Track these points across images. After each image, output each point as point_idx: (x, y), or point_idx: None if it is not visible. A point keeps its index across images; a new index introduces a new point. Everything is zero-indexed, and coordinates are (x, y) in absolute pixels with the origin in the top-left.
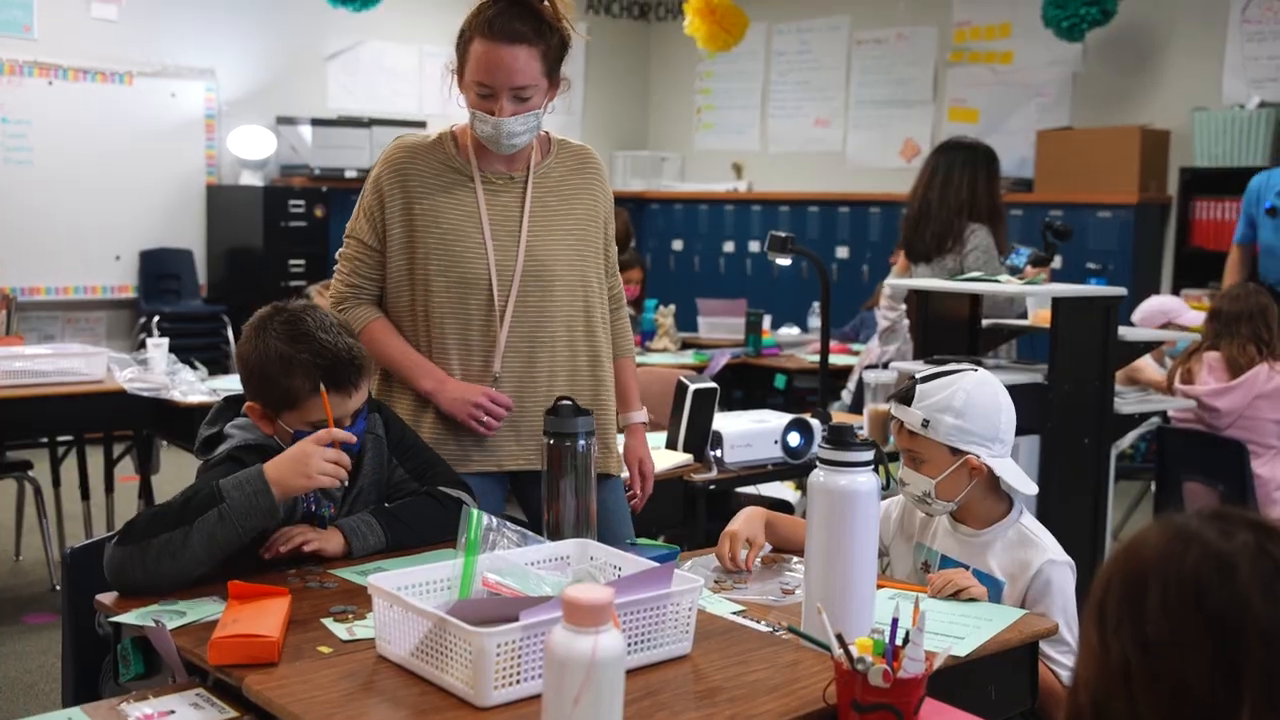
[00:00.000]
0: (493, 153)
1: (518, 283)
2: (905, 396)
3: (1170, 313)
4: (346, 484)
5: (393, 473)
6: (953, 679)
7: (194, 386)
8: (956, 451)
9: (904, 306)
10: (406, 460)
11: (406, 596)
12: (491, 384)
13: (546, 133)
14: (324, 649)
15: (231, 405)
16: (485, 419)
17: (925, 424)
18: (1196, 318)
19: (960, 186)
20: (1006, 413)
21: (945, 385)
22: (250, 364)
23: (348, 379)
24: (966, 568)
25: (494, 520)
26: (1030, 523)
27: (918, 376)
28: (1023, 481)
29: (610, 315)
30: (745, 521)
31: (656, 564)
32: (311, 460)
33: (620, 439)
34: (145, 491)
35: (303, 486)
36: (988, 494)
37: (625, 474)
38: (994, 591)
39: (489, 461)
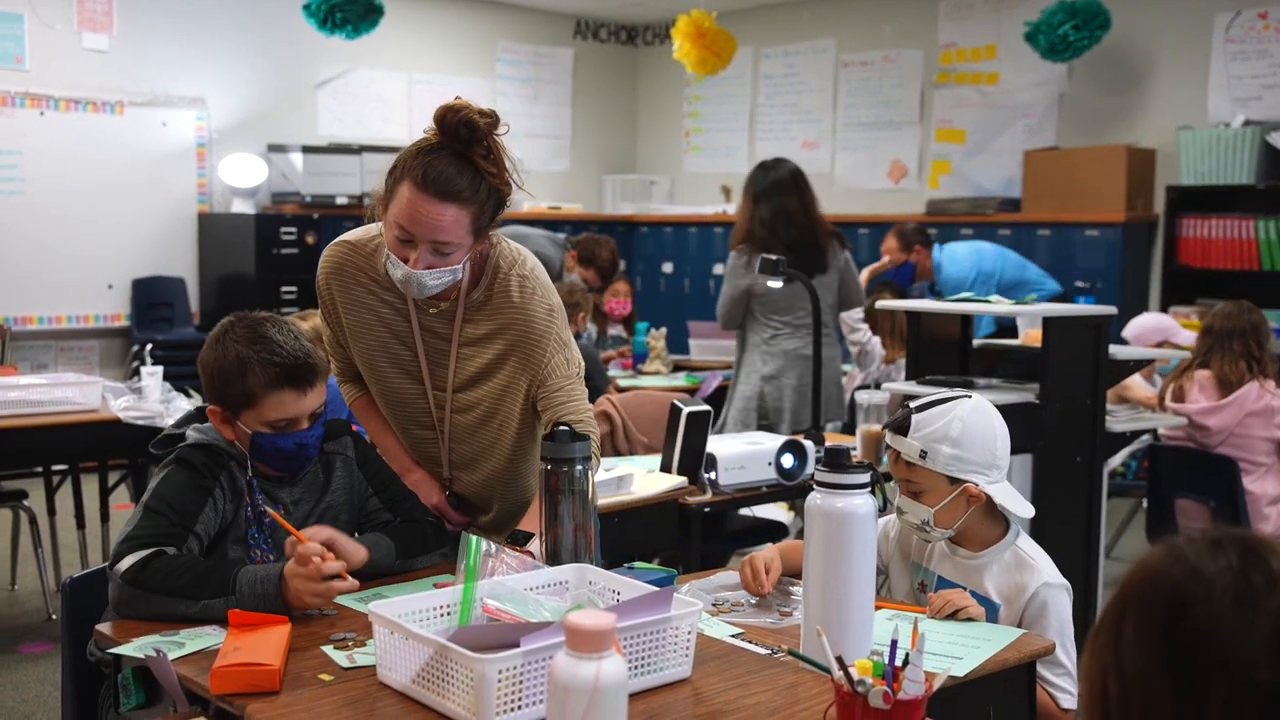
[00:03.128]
0: None
1: (450, 413)
2: (901, 426)
3: (1166, 331)
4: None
5: (366, 503)
6: (951, 699)
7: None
8: (955, 480)
9: (865, 326)
10: (382, 492)
11: (407, 624)
12: (445, 485)
13: (494, 239)
14: (325, 676)
15: (201, 413)
16: None
17: (923, 455)
18: (1191, 336)
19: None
20: (1002, 439)
21: (941, 414)
22: (209, 367)
23: (303, 378)
24: (964, 589)
25: (493, 546)
26: (1027, 545)
27: (912, 406)
28: (1020, 505)
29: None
30: (765, 552)
31: (655, 588)
32: (299, 593)
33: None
34: None
35: (298, 610)
36: (985, 517)
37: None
38: (990, 614)
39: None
